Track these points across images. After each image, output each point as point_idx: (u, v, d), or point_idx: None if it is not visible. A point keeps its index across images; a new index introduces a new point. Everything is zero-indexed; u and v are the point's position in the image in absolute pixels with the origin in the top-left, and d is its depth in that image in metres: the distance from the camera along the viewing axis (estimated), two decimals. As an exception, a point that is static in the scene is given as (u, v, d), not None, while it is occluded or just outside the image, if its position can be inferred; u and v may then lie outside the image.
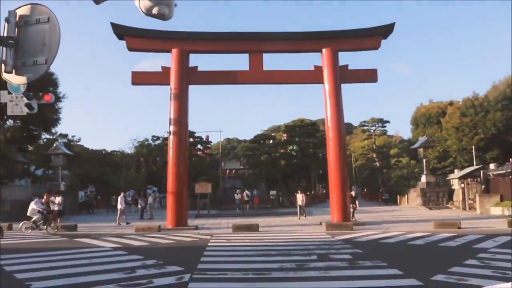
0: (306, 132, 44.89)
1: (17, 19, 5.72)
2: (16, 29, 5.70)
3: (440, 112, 45.37)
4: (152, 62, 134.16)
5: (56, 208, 21.22)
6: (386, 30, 22.20)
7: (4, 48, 5.59)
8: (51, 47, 5.61)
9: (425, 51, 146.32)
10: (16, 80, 5.95)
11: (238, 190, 39.15)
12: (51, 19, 5.65)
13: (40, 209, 19.19)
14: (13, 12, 5.71)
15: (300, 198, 25.37)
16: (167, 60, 22.25)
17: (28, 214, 19.19)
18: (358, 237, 15.36)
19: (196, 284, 7.76)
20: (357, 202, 23.57)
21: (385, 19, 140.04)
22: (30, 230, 18.55)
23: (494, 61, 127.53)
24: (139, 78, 22.31)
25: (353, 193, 24.28)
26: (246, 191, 38.09)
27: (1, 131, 31.31)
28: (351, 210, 22.42)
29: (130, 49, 21.72)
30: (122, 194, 24.23)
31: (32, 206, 19.30)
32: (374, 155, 49.06)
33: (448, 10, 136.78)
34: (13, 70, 5.73)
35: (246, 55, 22.18)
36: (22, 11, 5.80)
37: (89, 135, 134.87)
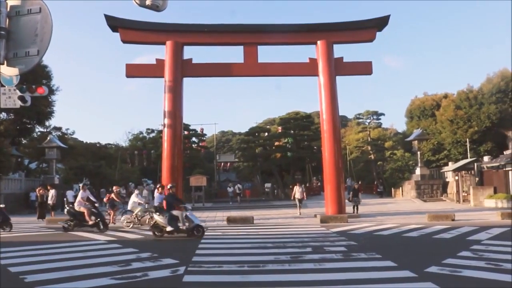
0: (301, 125, 44.88)
1: (8, 9, 5.63)
2: (7, 20, 5.62)
3: (435, 105, 45.42)
4: (149, 57, 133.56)
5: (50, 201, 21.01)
6: (381, 22, 22.16)
7: (-5, 39, 5.50)
8: (43, 38, 5.55)
9: (420, 44, 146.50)
10: (8, 71, 5.88)
11: (230, 184, 39.58)
12: (43, 10, 5.58)
13: (142, 202, 18.07)
14: (4, 2, 5.63)
15: (299, 191, 23.51)
16: (163, 55, 22.11)
17: (128, 208, 18.02)
18: (352, 230, 15.41)
19: (191, 277, 7.75)
20: (360, 195, 22.98)
21: (379, 12, 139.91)
22: (132, 225, 17.34)
23: (489, 53, 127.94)
24: (134, 71, 22.20)
25: (356, 185, 24.06)
26: (238, 184, 38.37)
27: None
28: (354, 204, 22.16)
29: (124, 41, 21.55)
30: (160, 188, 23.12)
31: (134, 199, 18.05)
32: (369, 148, 49.12)
33: (442, 3, 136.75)
34: (5, 62, 5.65)
35: (241, 48, 22.08)
36: (13, 1, 5.72)
37: (83, 128, 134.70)
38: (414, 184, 33.92)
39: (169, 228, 13.61)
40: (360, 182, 47.34)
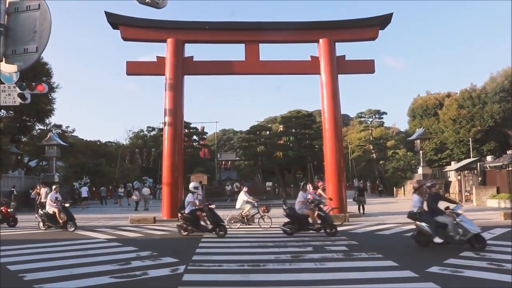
0: (302, 123, 44.85)
1: (7, 6, 5.58)
2: (6, 17, 5.57)
3: (437, 104, 45.31)
4: (151, 56, 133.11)
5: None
6: (383, 20, 22.02)
7: (-7, 36, 5.45)
8: (42, 35, 5.50)
9: (423, 43, 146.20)
10: (6, 68, 5.83)
11: (228, 183, 40.22)
12: (42, 6, 5.53)
13: (251, 200, 16.79)
14: (3, -1, 5.57)
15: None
16: (164, 54, 21.98)
17: (237, 206, 17.03)
18: (353, 229, 15.36)
19: (191, 276, 7.72)
20: (365, 194, 22.40)
21: (380, 11, 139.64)
22: (239, 224, 16.47)
23: (492, 52, 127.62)
24: (134, 68, 22.09)
25: (361, 184, 23.72)
26: (236, 183, 38.85)
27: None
28: (359, 203, 21.84)
29: (125, 38, 21.46)
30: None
31: (243, 197, 16.78)
32: (371, 147, 49.07)
33: (444, 2, 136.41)
34: (3, 59, 5.61)
35: (242, 45, 21.98)
36: (12, -2, 5.66)
37: (83, 126, 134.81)
38: (416, 184, 33.75)
39: (437, 240, 10.66)
40: (362, 181, 47.41)
